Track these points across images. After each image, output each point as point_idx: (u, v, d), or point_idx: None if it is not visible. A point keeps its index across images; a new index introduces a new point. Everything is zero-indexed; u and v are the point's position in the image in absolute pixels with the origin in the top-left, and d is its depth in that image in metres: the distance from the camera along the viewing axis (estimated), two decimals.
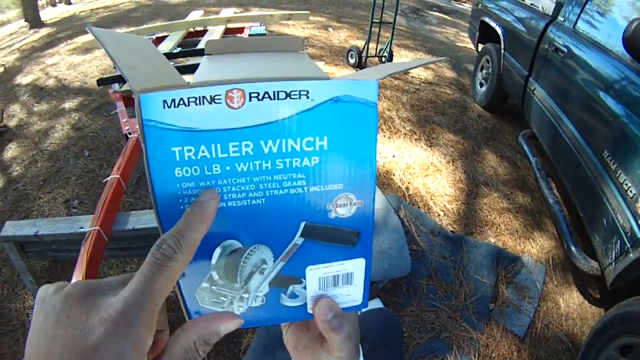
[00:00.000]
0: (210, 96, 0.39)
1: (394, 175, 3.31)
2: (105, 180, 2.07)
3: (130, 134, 2.49)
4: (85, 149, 3.59)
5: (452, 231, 2.89)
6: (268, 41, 0.69)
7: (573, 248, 2.62)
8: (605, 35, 2.78)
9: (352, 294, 0.52)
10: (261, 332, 1.29)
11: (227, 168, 0.42)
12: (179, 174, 0.41)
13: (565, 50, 3.06)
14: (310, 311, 0.50)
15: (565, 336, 2.51)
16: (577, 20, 3.10)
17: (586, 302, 2.76)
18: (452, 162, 3.62)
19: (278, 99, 0.40)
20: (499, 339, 2.38)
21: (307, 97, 0.41)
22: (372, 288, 2.37)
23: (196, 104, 0.39)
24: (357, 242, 0.49)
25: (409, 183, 3.25)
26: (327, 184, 0.45)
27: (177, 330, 0.41)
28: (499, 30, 4.32)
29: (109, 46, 0.42)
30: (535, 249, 3.01)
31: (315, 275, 0.49)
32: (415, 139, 3.83)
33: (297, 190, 0.44)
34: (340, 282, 0.51)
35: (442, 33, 8.94)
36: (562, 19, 3.30)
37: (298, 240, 0.47)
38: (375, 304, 2.29)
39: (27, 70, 5.29)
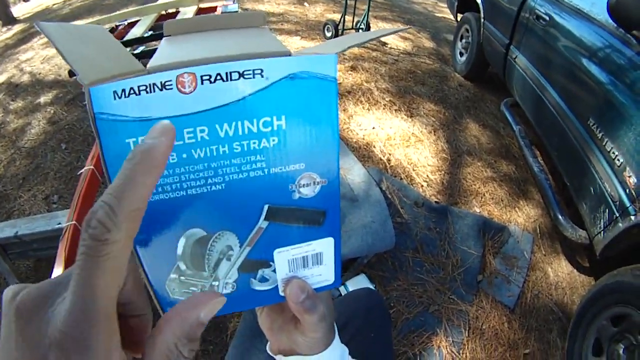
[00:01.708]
0: (161, 82, 0.37)
1: (374, 147, 3.22)
2: (79, 172, 2.01)
3: None
4: (62, 142, 3.53)
5: (436, 202, 2.82)
6: (228, 18, 0.66)
7: (560, 217, 2.57)
8: (589, 3, 2.70)
9: (323, 273, 0.52)
10: (247, 316, 1.25)
11: (184, 156, 0.40)
12: None
13: (547, 18, 3.00)
14: (282, 294, 0.50)
15: (556, 305, 2.47)
16: None
17: (575, 270, 2.73)
18: (434, 132, 3.54)
19: (231, 79, 0.39)
20: (489, 310, 2.33)
21: (262, 76, 0.39)
22: (356, 264, 2.30)
23: (147, 92, 0.37)
24: (324, 221, 0.48)
25: (390, 154, 3.16)
26: (288, 164, 0.44)
27: (152, 331, 0.34)
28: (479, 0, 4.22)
29: (58, 41, 0.39)
30: (521, 218, 2.96)
31: (284, 257, 0.49)
32: (395, 110, 3.74)
33: (257, 173, 0.43)
34: (310, 263, 0.50)
35: (420, 4, 8.82)
36: None
37: (262, 223, 0.46)
38: (361, 280, 2.22)
39: (1, 68, 5.18)
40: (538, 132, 3.13)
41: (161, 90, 0.37)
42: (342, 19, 5.23)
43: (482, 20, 4.15)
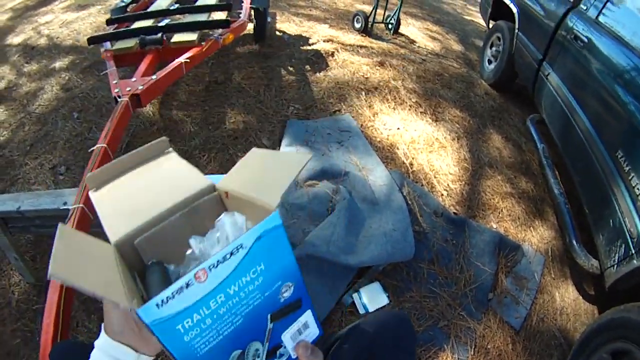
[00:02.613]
0: (185, 284, 0.55)
1: (398, 149, 3.18)
2: (91, 149, 1.98)
3: (119, 97, 2.36)
4: (75, 110, 3.43)
5: (454, 213, 2.79)
6: (137, 155, 0.92)
7: (575, 244, 2.56)
8: (630, 32, 2.65)
9: (312, 331, 0.77)
10: None
11: (214, 316, 0.60)
12: (187, 338, 0.59)
13: (586, 40, 2.94)
14: (294, 356, 0.75)
15: (559, 331, 2.46)
16: (601, 11, 2.97)
17: (580, 297, 2.71)
18: (457, 139, 3.50)
19: (226, 260, 0.59)
20: (495, 330, 2.32)
21: (242, 247, 0.60)
22: (372, 270, 2.28)
23: (178, 294, 0.55)
24: (301, 304, 0.74)
25: (413, 158, 3.13)
26: (272, 286, 0.67)
27: None
28: (514, 9, 4.15)
29: (78, 280, 0.54)
30: (535, 238, 2.94)
31: (288, 335, 0.74)
32: (421, 112, 3.70)
33: (257, 300, 0.66)
34: (303, 330, 0.76)
35: (449, 4, 8.70)
36: (585, 8, 3.16)
37: (270, 325, 0.70)
38: (375, 287, 2.20)
39: (19, 29, 5.04)
40: (562, 153, 3.09)
41: (187, 288, 0.55)
42: (374, 11, 5.17)
43: (517, 31, 4.08)
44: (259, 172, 0.82)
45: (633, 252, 2.03)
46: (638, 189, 2.11)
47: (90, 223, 1.71)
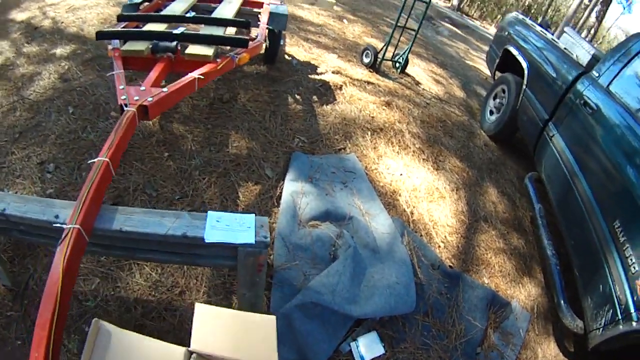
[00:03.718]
0: None
1: (400, 195, 3.25)
2: (91, 161, 1.84)
3: (126, 105, 2.13)
4: (70, 104, 3.28)
5: (450, 266, 2.87)
6: None
7: (563, 304, 2.65)
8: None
9: None
10: None
11: None
12: None
13: (595, 107, 3.03)
14: None
15: None
16: (612, 80, 3.06)
17: (561, 354, 2.81)
18: (456, 190, 3.59)
19: None
20: None
21: None
22: (369, 320, 2.33)
23: None
24: None
25: (414, 207, 3.20)
26: None
27: None
28: (524, 65, 4.25)
29: None
30: (523, 294, 3.03)
31: None
32: (423, 159, 3.78)
33: None
34: None
35: (453, 47, 8.90)
36: (597, 74, 3.25)
37: None
38: (372, 337, 2.26)
39: (25, 6, 4.91)
40: (557, 214, 3.18)
41: None
42: (385, 48, 5.27)
43: (524, 86, 4.17)
44: (236, 335, 0.93)
45: (620, 317, 2.14)
46: (631, 259, 2.21)
47: (85, 247, 1.60)
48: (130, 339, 1.29)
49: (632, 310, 2.08)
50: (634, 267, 2.18)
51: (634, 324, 2.03)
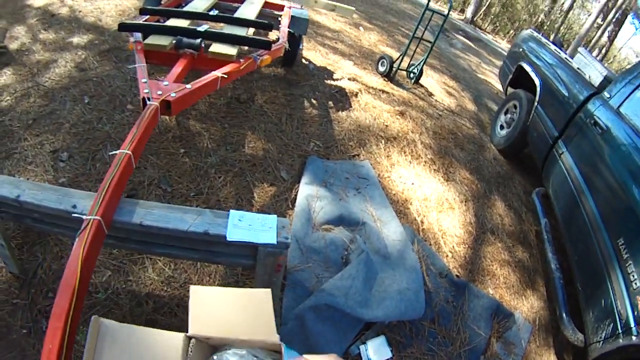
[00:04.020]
0: None
1: (411, 204, 3.33)
2: (112, 153, 1.88)
3: (149, 99, 2.12)
4: (86, 94, 3.27)
5: (457, 275, 2.94)
6: None
7: (565, 318, 2.71)
8: None
9: None
10: None
11: None
12: None
13: (605, 127, 3.09)
14: None
15: None
16: (623, 102, 3.12)
17: None
18: (465, 202, 3.66)
19: None
20: None
21: None
22: (379, 324, 2.40)
23: None
24: None
25: (424, 216, 3.28)
26: None
27: None
28: (537, 82, 4.32)
29: None
30: (526, 306, 3.09)
31: None
32: (435, 170, 3.86)
33: None
34: None
35: (465, 60, 8.96)
36: (608, 96, 3.31)
37: None
38: (381, 341, 2.33)
39: None
40: (563, 230, 3.25)
41: None
42: (401, 58, 5.35)
43: (536, 103, 4.24)
44: (233, 314, 0.96)
45: (620, 332, 2.22)
46: (633, 276, 2.29)
47: (103, 239, 1.60)
48: (129, 331, 1.26)
49: (633, 324, 2.15)
50: (636, 283, 2.25)
51: (634, 338, 2.10)
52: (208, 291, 1.19)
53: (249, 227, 1.78)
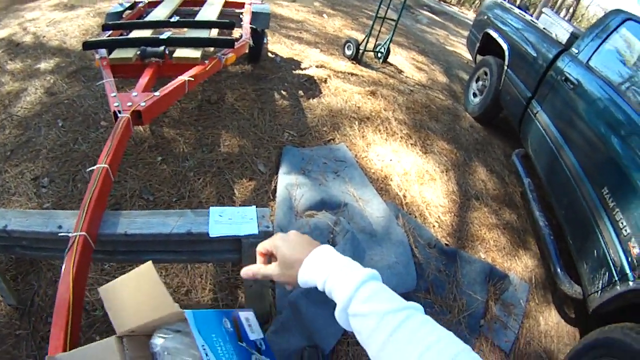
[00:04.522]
0: None
1: (391, 180, 3.31)
2: (90, 169, 1.86)
3: (120, 112, 2.13)
4: (59, 118, 3.27)
5: (446, 244, 2.93)
6: None
7: (560, 272, 2.72)
8: (619, 77, 2.84)
9: None
10: None
11: None
12: None
13: (576, 82, 3.12)
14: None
15: (544, 352, 2.62)
16: (592, 56, 3.16)
17: (562, 321, 2.88)
18: (446, 172, 3.65)
19: None
20: (488, 353, 2.46)
21: None
22: None
23: None
24: None
25: (406, 190, 3.26)
26: None
27: None
28: (505, 46, 4.33)
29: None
30: (520, 267, 3.09)
31: None
32: (411, 144, 3.85)
33: None
34: None
35: (432, 34, 8.96)
36: (576, 51, 3.34)
37: None
38: None
39: (4, 23, 4.88)
40: (546, 187, 3.26)
41: None
42: (366, 40, 5.33)
43: (506, 67, 4.25)
44: (135, 300, 0.96)
45: (616, 279, 2.23)
46: (622, 223, 2.30)
47: (92, 253, 1.58)
48: (69, 357, 1.25)
49: (628, 270, 2.16)
50: (626, 230, 2.26)
51: (631, 283, 2.10)
52: (112, 286, 1.16)
53: (229, 221, 1.77)
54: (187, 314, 1.01)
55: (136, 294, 1.23)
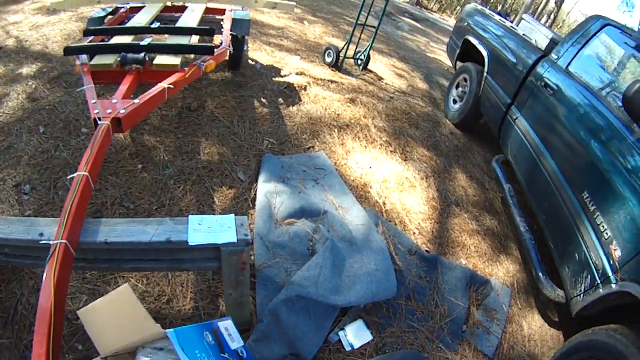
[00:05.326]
0: None
1: (371, 188, 3.30)
2: (70, 177, 1.84)
3: (100, 119, 2.12)
4: (41, 124, 3.24)
5: (426, 251, 2.92)
6: None
7: (542, 276, 2.75)
8: (599, 82, 2.87)
9: None
10: None
11: None
12: None
13: (556, 87, 3.14)
14: None
15: (528, 356, 2.62)
16: (571, 61, 3.18)
17: (546, 324, 2.89)
18: (426, 178, 3.65)
19: None
20: (471, 359, 2.44)
21: None
22: (354, 309, 2.37)
23: None
24: None
25: (385, 197, 3.25)
26: None
27: None
28: (484, 53, 4.35)
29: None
30: (501, 272, 3.09)
31: None
32: (391, 151, 3.84)
33: None
34: None
35: (413, 41, 9.01)
36: (556, 57, 3.37)
37: None
38: (359, 325, 2.29)
39: None
40: (527, 192, 3.27)
41: None
42: (346, 47, 5.33)
43: (485, 74, 4.27)
44: (116, 322, 0.94)
45: (598, 282, 2.24)
46: (603, 226, 2.31)
47: (72, 261, 1.59)
48: None
49: (610, 273, 2.17)
50: (607, 233, 2.27)
51: (613, 286, 2.11)
52: (91, 309, 1.15)
53: (208, 229, 1.78)
54: (169, 333, 1.00)
55: (116, 315, 1.23)
